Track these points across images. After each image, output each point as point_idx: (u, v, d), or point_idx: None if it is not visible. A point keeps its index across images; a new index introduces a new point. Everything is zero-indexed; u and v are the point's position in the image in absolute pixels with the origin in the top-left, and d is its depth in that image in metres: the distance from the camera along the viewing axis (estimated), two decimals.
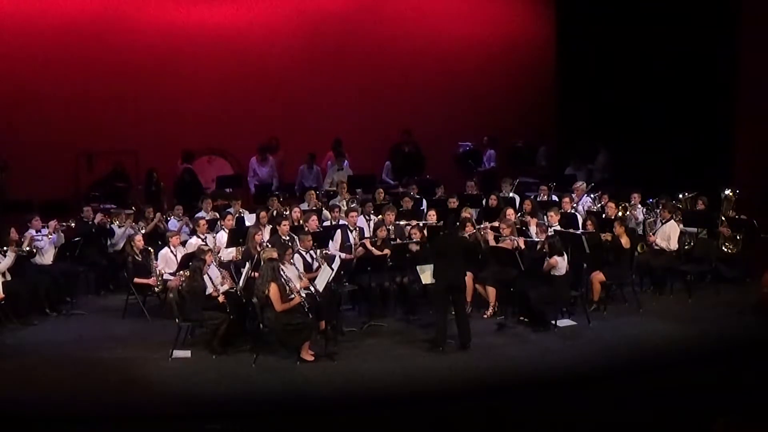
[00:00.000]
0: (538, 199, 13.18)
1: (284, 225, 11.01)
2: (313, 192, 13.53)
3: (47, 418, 8.11)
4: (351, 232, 11.51)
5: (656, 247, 11.77)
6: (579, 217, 12.15)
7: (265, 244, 10.48)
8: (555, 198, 13.45)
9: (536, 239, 11.08)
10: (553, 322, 10.39)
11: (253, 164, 15.34)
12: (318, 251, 10.64)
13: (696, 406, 7.95)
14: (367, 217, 12.16)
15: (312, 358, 9.30)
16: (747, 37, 13.97)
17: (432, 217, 11.84)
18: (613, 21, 16.04)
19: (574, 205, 12.85)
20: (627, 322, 10.65)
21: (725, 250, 11.99)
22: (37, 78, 14.95)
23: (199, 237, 11.32)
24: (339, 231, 11.51)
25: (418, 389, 8.73)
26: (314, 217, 11.49)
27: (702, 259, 11.79)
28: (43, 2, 15.19)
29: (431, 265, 9.89)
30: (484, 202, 13.33)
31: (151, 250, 11.16)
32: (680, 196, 12.76)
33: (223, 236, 11.45)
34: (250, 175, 15.38)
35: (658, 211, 12.15)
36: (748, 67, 13.99)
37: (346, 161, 15.31)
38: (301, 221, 11.66)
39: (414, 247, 11.01)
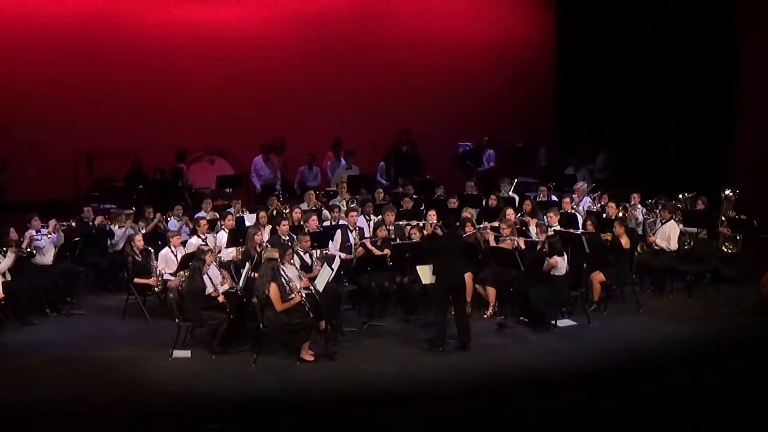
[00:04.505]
0: (537, 200, 13.18)
1: (284, 225, 11.02)
2: (313, 192, 13.54)
3: (47, 418, 8.10)
4: (351, 232, 11.51)
5: (656, 247, 11.78)
6: (579, 217, 12.15)
7: (265, 244, 10.48)
8: (555, 198, 13.46)
9: (536, 239, 11.08)
10: (553, 322, 10.39)
11: (258, 163, 15.30)
12: (317, 251, 10.63)
13: (696, 406, 7.95)
14: (367, 217, 12.16)
15: (312, 358, 9.30)
16: (747, 36, 13.97)
17: (432, 217, 11.85)
18: (612, 21, 16.05)
19: (574, 205, 12.85)
20: (627, 322, 10.64)
21: (725, 250, 11.98)
22: (38, 78, 14.95)
23: (199, 237, 11.33)
24: (339, 231, 11.51)
25: (418, 389, 8.73)
26: (314, 217, 11.49)
27: (702, 259, 11.76)
28: (43, 2, 15.19)
29: (431, 265, 9.89)
30: (484, 202, 13.33)
31: (151, 250, 11.15)
32: (680, 196, 12.74)
33: (223, 236, 11.45)
34: (252, 174, 15.35)
35: (658, 211, 12.16)
36: (747, 67, 13.99)
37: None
38: (301, 221, 11.67)
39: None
